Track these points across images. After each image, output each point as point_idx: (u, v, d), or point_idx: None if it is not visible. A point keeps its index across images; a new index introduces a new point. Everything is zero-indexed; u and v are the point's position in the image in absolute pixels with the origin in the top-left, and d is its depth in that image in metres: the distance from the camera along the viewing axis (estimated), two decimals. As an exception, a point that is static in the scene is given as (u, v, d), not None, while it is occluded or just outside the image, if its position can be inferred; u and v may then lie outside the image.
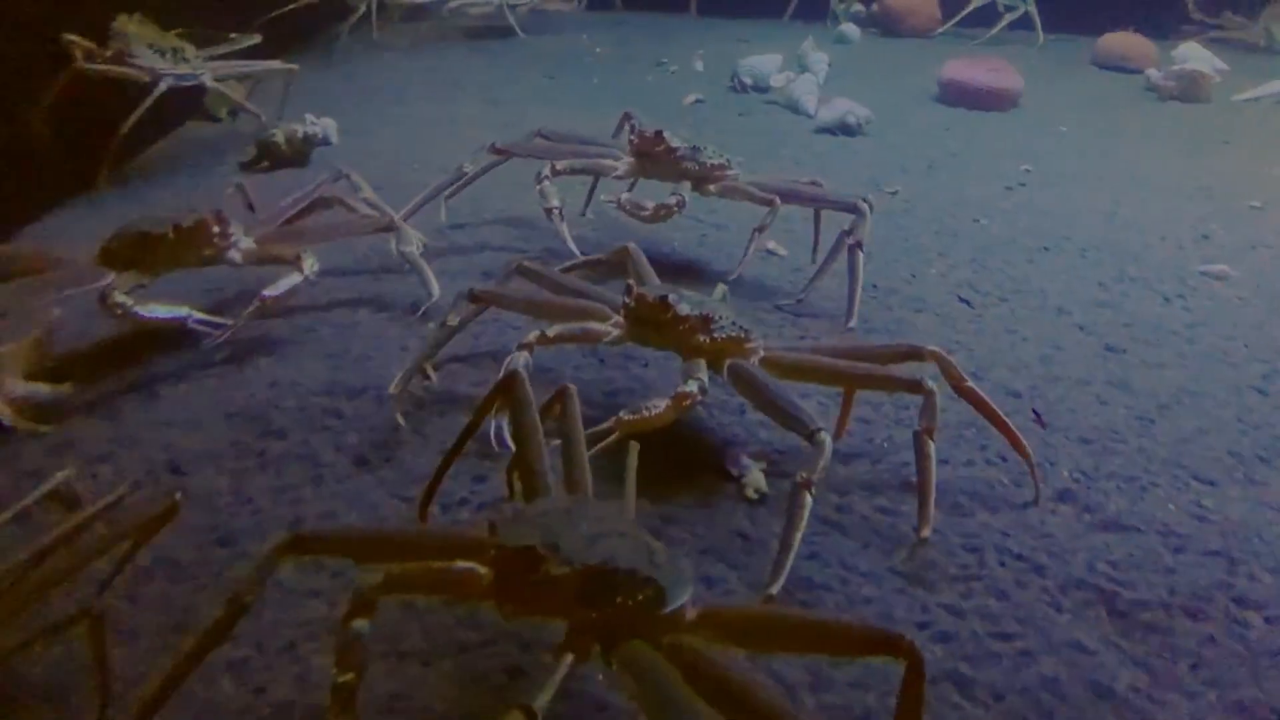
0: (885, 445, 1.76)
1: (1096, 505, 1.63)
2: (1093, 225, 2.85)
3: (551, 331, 1.55)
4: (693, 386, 1.49)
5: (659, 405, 1.44)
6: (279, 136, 2.88)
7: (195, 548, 1.42)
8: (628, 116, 2.53)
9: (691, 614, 1.10)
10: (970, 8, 4.96)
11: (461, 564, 1.05)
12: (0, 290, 1.75)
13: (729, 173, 2.26)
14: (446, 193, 2.32)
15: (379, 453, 1.59)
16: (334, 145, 3.04)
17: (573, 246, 2.09)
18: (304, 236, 1.97)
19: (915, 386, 1.56)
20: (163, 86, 2.70)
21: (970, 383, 1.62)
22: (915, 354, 1.66)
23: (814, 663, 1.31)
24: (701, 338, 1.57)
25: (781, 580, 1.35)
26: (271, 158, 2.89)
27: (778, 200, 2.16)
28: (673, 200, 2.11)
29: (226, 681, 1.21)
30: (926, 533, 1.48)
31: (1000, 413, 1.62)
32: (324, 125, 3.02)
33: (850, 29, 4.97)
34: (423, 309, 1.99)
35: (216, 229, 1.85)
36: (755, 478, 1.65)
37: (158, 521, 1.20)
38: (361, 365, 1.83)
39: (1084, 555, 1.52)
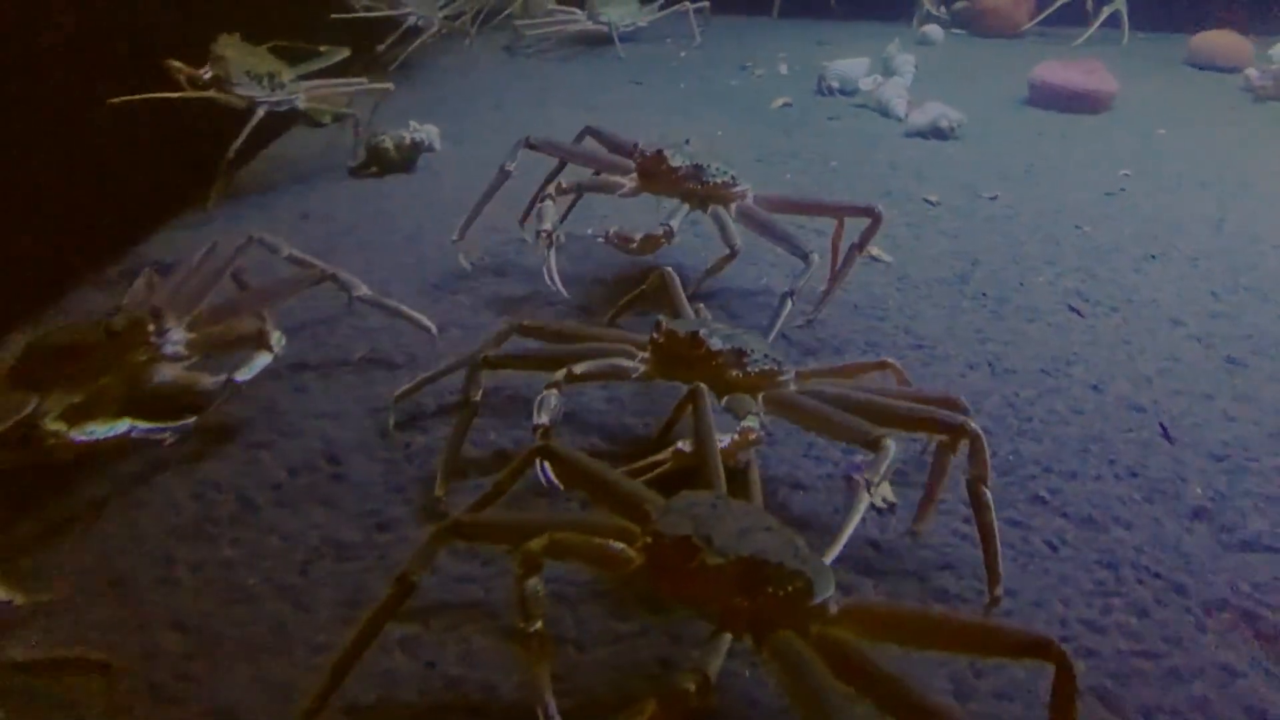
0: (1011, 459, 1.76)
1: (1234, 524, 1.61)
2: (1200, 233, 2.79)
3: (579, 369, 1.54)
4: (753, 423, 1.47)
5: (723, 440, 1.43)
6: (388, 143, 2.97)
7: (358, 531, 1.51)
8: (634, 145, 2.37)
9: (835, 608, 1.14)
10: (1057, 4, 4.86)
11: (615, 543, 1.13)
12: None
13: (735, 190, 2.17)
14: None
15: (520, 448, 1.65)
16: (438, 151, 3.12)
17: (555, 279, 1.97)
18: (241, 310, 1.77)
19: (957, 430, 1.46)
20: (260, 113, 2.73)
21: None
22: (949, 404, 1.53)
23: (957, 670, 1.33)
24: (735, 373, 1.54)
25: (833, 554, 1.34)
26: (380, 164, 2.98)
27: (738, 246, 2.05)
28: (659, 231, 2.03)
29: (399, 655, 1.29)
30: (999, 591, 1.39)
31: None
32: (428, 132, 3.10)
33: (933, 30, 4.91)
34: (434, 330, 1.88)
35: (152, 327, 1.62)
36: (882, 487, 1.67)
37: None
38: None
39: (1225, 575, 1.51)
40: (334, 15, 3.46)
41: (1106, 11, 4.88)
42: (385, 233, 2.54)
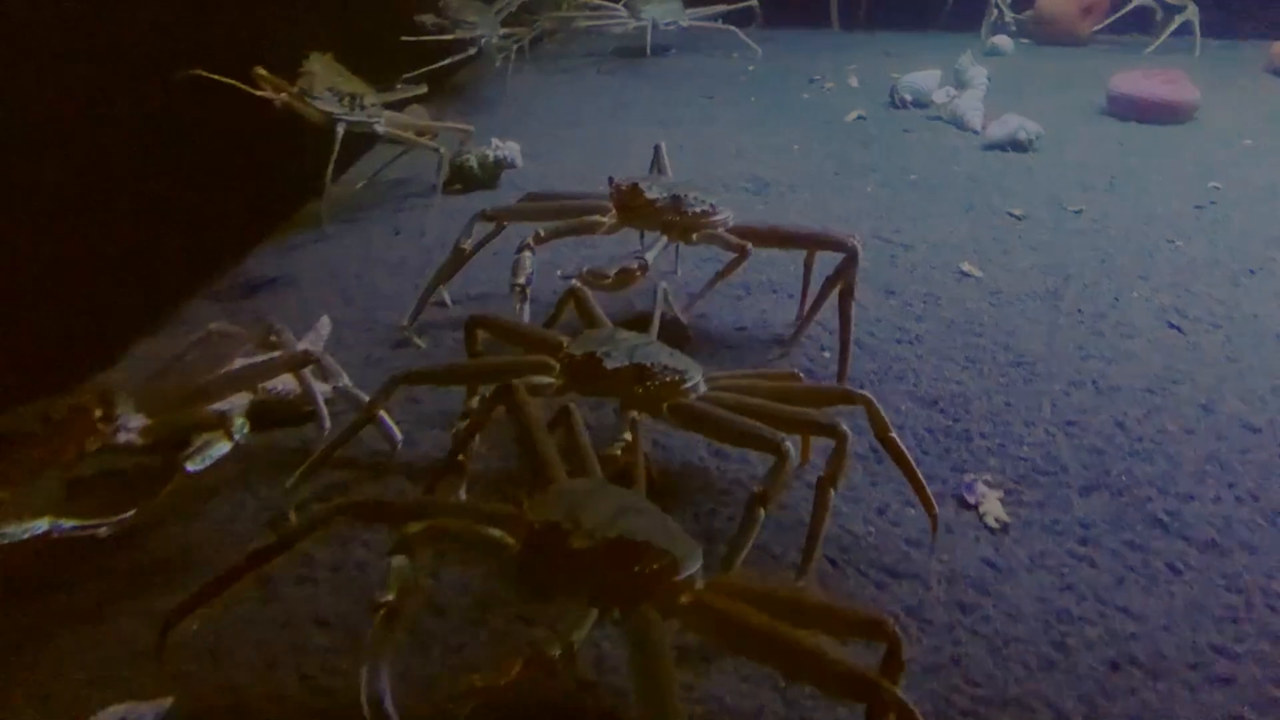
0: (1124, 479, 1.73)
1: (1366, 549, 1.57)
2: (1299, 246, 2.72)
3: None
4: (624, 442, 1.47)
5: (604, 451, 1.46)
6: (472, 160, 3.03)
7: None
8: (657, 151, 2.42)
9: (700, 583, 1.19)
10: (1121, 12, 4.79)
11: (494, 531, 1.18)
12: None
13: (715, 219, 2.12)
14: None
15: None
16: (519, 168, 3.17)
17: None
18: (208, 395, 1.59)
19: (830, 431, 1.49)
20: (339, 131, 2.72)
21: (894, 434, 1.52)
22: (846, 398, 1.58)
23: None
24: (638, 388, 1.56)
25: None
26: (465, 181, 3.04)
27: (749, 247, 2.03)
28: (634, 264, 1.98)
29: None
30: (802, 583, 1.42)
31: (915, 469, 1.53)
32: (509, 149, 3.15)
33: (1003, 41, 4.86)
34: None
35: (99, 413, 1.46)
36: (993, 506, 1.66)
37: None
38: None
39: (1361, 602, 1.47)
40: (404, 38, 3.50)
41: (1178, 20, 4.79)
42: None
